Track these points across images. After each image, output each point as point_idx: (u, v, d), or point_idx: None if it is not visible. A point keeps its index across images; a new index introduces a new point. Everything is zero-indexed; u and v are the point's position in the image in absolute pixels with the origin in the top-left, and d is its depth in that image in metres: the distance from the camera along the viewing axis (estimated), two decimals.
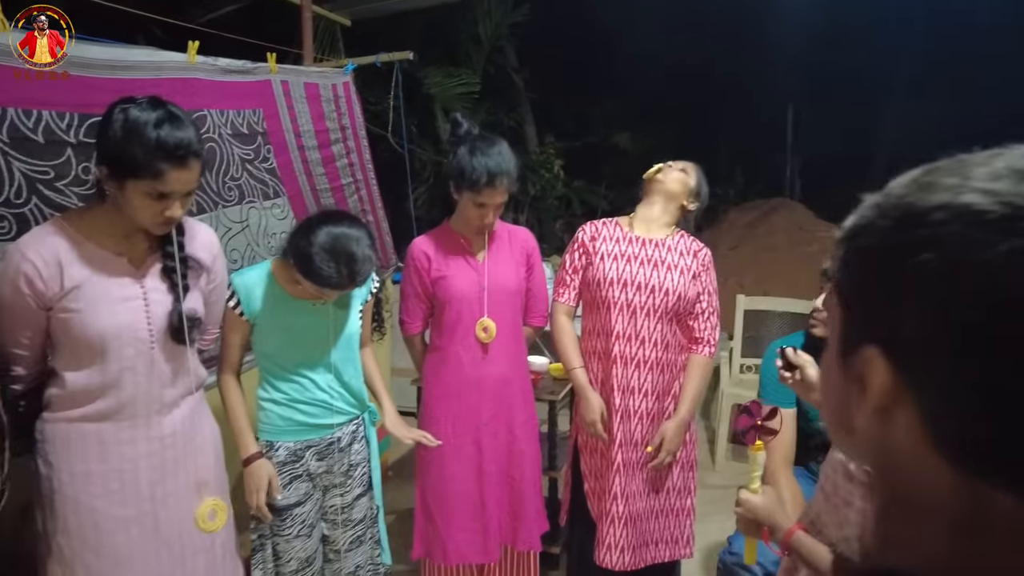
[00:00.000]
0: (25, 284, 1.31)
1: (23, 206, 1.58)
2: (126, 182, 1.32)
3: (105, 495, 1.41)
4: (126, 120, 1.30)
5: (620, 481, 1.94)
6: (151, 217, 1.36)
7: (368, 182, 3.06)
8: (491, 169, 1.79)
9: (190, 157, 1.34)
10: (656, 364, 1.94)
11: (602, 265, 1.96)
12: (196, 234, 1.55)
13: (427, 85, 5.02)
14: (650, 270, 1.93)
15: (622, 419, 1.94)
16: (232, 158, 2.23)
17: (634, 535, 1.97)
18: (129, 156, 1.29)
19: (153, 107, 1.33)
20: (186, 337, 1.44)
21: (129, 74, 1.89)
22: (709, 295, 1.99)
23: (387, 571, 1.86)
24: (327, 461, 1.70)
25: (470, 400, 1.96)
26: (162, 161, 1.30)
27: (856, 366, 0.44)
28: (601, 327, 1.97)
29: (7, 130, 1.56)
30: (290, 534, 1.66)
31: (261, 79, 2.42)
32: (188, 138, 1.34)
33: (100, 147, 1.35)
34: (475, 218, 1.88)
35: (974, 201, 0.38)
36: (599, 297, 1.97)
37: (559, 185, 7.01)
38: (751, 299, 3.79)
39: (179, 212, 1.38)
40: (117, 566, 1.42)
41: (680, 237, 2.01)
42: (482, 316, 1.92)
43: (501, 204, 1.89)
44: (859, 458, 0.50)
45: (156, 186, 1.32)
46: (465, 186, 1.84)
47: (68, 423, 1.40)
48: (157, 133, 1.29)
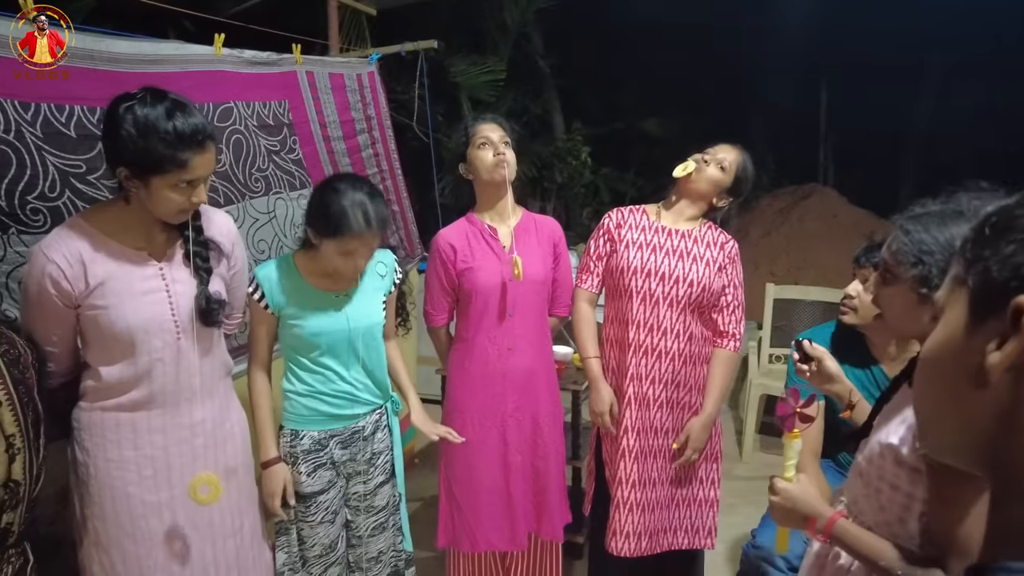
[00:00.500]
0: (51, 284, 1.34)
1: (57, 199, 1.62)
2: (151, 179, 1.33)
3: (139, 481, 1.45)
4: (136, 119, 1.29)
5: (626, 467, 1.94)
6: (178, 206, 1.38)
7: (393, 172, 3.07)
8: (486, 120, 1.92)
9: (208, 140, 1.36)
10: (678, 355, 1.91)
11: (626, 253, 1.94)
12: (212, 219, 1.57)
13: (453, 73, 5.01)
14: (675, 261, 1.91)
15: (637, 407, 1.93)
16: (259, 149, 2.26)
17: (648, 522, 1.96)
18: (151, 154, 1.30)
19: (157, 100, 1.33)
20: (212, 320, 1.47)
21: (157, 68, 1.92)
22: (735, 288, 1.96)
23: (408, 557, 1.88)
24: (350, 450, 1.72)
25: (495, 391, 1.96)
26: (185, 151, 1.32)
27: (995, 325, 0.47)
28: (621, 315, 1.96)
29: (41, 125, 1.60)
30: (314, 520, 1.69)
31: (287, 70, 2.44)
32: (201, 122, 1.35)
33: (114, 150, 1.34)
34: (485, 158, 1.91)
35: None
36: (621, 285, 1.95)
37: (586, 173, 6.95)
38: (781, 288, 3.73)
39: (204, 196, 1.41)
40: (151, 549, 1.47)
41: (707, 228, 1.98)
42: (508, 309, 1.92)
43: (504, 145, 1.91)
44: (970, 455, 0.52)
45: (183, 176, 1.34)
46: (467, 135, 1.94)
47: (103, 412, 1.44)
48: (173, 124, 1.30)
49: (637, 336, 1.91)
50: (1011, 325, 0.46)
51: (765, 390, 3.51)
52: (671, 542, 2.02)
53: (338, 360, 1.67)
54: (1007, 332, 0.46)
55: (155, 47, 1.93)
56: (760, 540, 1.76)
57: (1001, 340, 0.47)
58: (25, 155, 1.56)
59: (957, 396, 0.51)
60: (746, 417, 3.56)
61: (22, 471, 1.23)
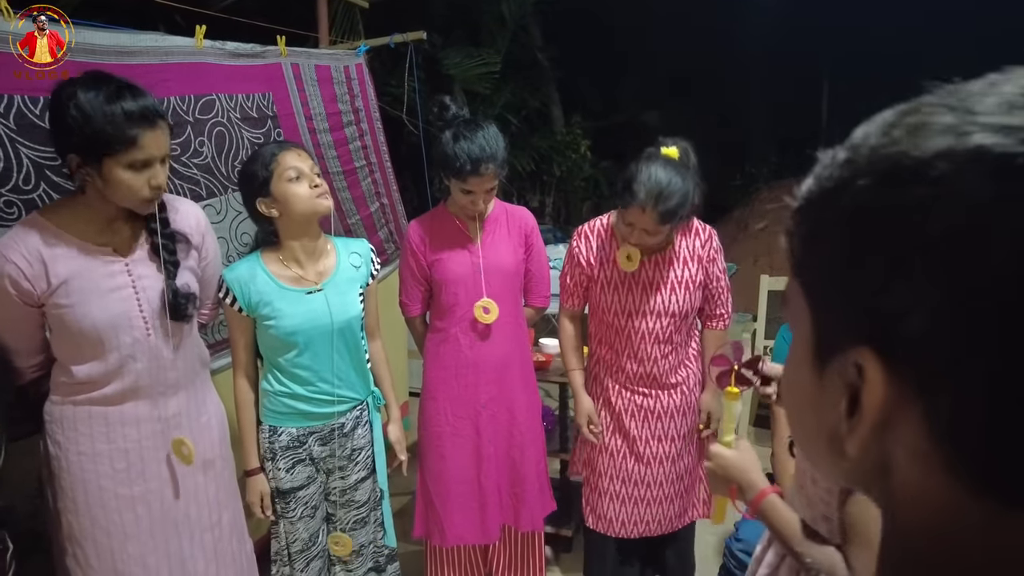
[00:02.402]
0: (11, 285, 1.31)
1: (32, 192, 1.61)
2: (103, 162, 1.30)
3: (112, 474, 1.44)
4: (79, 102, 1.26)
5: (603, 462, 2.01)
6: (138, 191, 1.34)
7: (383, 165, 3.05)
8: (475, 155, 1.75)
9: (157, 118, 1.33)
10: (659, 376, 1.94)
11: (602, 291, 1.93)
12: (179, 209, 1.54)
13: (446, 66, 4.99)
14: (652, 294, 1.87)
15: (617, 412, 1.98)
16: (242, 142, 2.24)
17: (632, 513, 2.01)
18: (99, 135, 1.27)
19: (101, 82, 1.30)
20: (181, 314, 1.45)
21: (136, 60, 1.90)
22: (717, 279, 1.94)
23: (391, 553, 1.87)
24: (330, 446, 1.71)
25: (468, 381, 1.96)
26: (133, 127, 1.28)
27: (840, 375, 0.34)
28: (606, 343, 1.99)
29: (14, 117, 1.58)
30: (294, 516, 1.68)
31: (271, 62, 2.42)
32: (150, 101, 1.32)
33: (61, 138, 1.32)
34: (465, 203, 1.86)
35: (988, 143, 0.29)
36: (600, 318, 1.97)
37: (586, 166, 6.92)
38: (776, 279, 3.70)
39: (163, 178, 1.36)
40: (125, 543, 1.45)
41: (682, 240, 1.89)
42: (481, 297, 1.90)
43: (492, 190, 1.86)
44: (857, 488, 0.40)
45: (135, 155, 1.30)
46: (450, 173, 1.81)
47: (75, 406, 1.43)
48: (119, 104, 1.28)
49: (627, 364, 1.94)
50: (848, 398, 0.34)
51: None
52: (666, 528, 2.04)
53: (316, 358, 1.64)
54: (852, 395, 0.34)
55: (133, 39, 1.91)
56: (742, 534, 1.74)
57: (850, 403, 0.34)
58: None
59: (820, 452, 0.39)
60: (741, 410, 3.54)
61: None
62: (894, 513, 0.36)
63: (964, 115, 0.31)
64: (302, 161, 1.58)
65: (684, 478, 2.02)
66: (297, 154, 1.58)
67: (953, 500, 0.31)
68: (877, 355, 0.32)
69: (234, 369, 1.69)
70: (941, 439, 0.31)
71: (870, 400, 0.33)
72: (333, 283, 1.67)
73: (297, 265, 1.64)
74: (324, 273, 1.68)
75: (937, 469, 0.31)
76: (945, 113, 0.31)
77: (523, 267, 2.00)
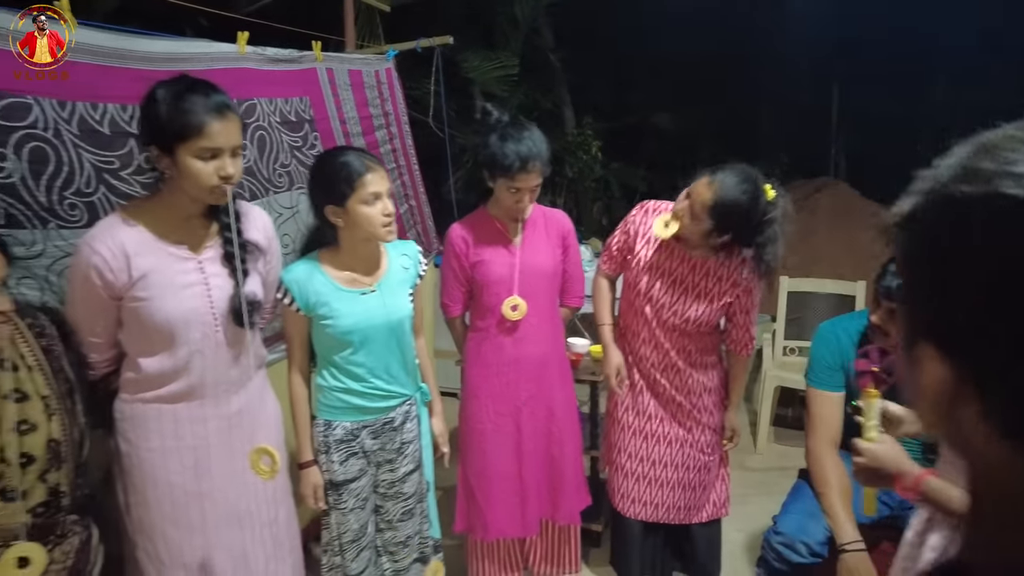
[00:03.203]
0: (96, 276, 1.38)
1: (92, 195, 1.66)
2: (176, 150, 1.36)
3: (180, 471, 1.49)
4: (162, 95, 1.36)
5: (624, 439, 2.12)
6: (208, 179, 1.39)
7: (411, 168, 3.11)
8: (523, 154, 1.82)
9: (227, 110, 1.39)
10: (673, 366, 2.02)
11: (636, 270, 2.01)
12: (251, 217, 1.60)
13: (465, 69, 5.03)
14: (677, 294, 1.96)
15: (638, 392, 2.08)
16: (281, 145, 2.29)
17: (653, 495, 2.10)
18: (172, 121, 1.35)
19: (181, 79, 1.40)
20: (247, 321, 1.50)
21: (185, 66, 1.95)
22: (746, 313, 2.01)
23: (435, 543, 1.93)
24: (381, 439, 1.77)
25: (509, 379, 2.02)
26: (202, 115, 1.35)
27: (914, 362, 0.43)
28: (628, 321, 2.08)
29: (77, 123, 1.64)
30: (346, 507, 1.73)
31: (307, 67, 2.47)
32: (220, 95, 1.40)
33: (143, 131, 1.41)
34: (511, 203, 1.92)
35: (1013, 192, 0.36)
36: (628, 297, 2.06)
37: (597, 167, 6.95)
38: (795, 281, 3.75)
39: (232, 170, 1.41)
40: (192, 536, 1.51)
41: (727, 260, 1.93)
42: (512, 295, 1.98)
43: (536, 187, 1.92)
44: (955, 451, 0.48)
45: (203, 143, 1.36)
46: (498, 172, 1.87)
47: (144, 404, 1.48)
48: (190, 96, 1.36)
49: (642, 348, 2.04)
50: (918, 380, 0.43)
51: (780, 382, 3.53)
52: (684, 518, 2.12)
53: (370, 356, 1.70)
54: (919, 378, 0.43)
55: (183, 45, 1.97)
56: (781, 527, 1.79)
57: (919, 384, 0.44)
58: (63, 152, 1.60)
59: (924, 423, 0.47)
60: (760, 409, 3.58)
61: (60, 431, 1.29)
62: (971, 470, 0.44)
63: (1002, 164, 0.38)
64: (382, 184, 1.63)
65: (701, 471, 2.08)
66: (381, 176, 1.63)
67: (1006, 459, 0.39)
68: (936, 349, 0.41)
69: (289, 366, 1.74)
70: (991, 415, 0.39)
71: (929, 384, 0.41)
72: (386, 284, 1.73)
73: (353, 268, 1.70)
74: (377, 275, 1.73)
75: (993, 437, 0.39)
76: (991, 160, 0.39)
77: (560, 268, 2.06)
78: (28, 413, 1.25)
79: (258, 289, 1.57)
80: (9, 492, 1.20)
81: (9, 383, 1.23)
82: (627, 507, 2.11)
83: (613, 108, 7.64)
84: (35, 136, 1.54)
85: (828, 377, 1.86)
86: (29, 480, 1.22)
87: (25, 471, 1.22)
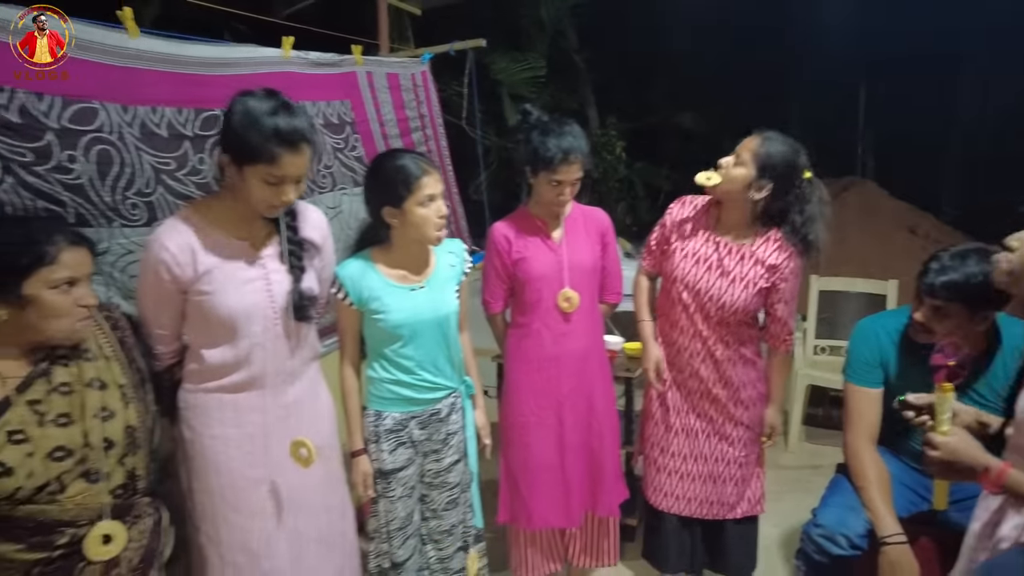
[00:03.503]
0: (165, 271, 1.45)
1: (152, 195, 1.74)
2: (245, 167, 1.43)
3: (240, 457, 1.56)
4: (245, 110, 1.40)
5: (658, 435, 2.14)
6: (266, 200, 1.46)
7: (445, 169, 3.16)
8: (564, 146, 1.87)
9: (302, 143, 1.43)
10: (711, 357, 2.03)
11: (673, 259, 2.04)
12: (307, 216, 1.67)
13: (494, 71, 5.09)
14: (715, 278, 1.97)
15: (675, 388, 2.11)
16: (324, 147, 2.36)
17: (687, 489, 2.12)
18: (248, 143, 1.39)
19: (268, 97, 1.43)
20: (304, 315, 1.57)
21: (233, 70, 2.02)
22: (785, 304, 2.02)
23: (478, 533, 1.97)
24: (428, 430, 1.82)
25: (551, 374, 2.06)
26: (276, 146, 1.39)
27: None
28: (667, 313, 2.10)
29: (138, 126, 1.71)
30: (394, 495, 1.78)
31: (347, 71, 2.53)
32: (300, 125, 1.43)
33: (223, 136, 1.46)
34: (552, 197, 1.95)
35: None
36: (666, 287, 2.08)
37: (621, 167, 6.99)
38: (825, 280, 3.74)
39: (291, 196, 1.48)
40: (252, 521, 1.57)
41: (764, 243, 1.97)
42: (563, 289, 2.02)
43: (577, 181, 1.95)
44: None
45: (271, 170, 1.42)
46: (541, 166, 1.91)
47: (206, 393, 1.55)
48: (273, 121, 1.39)
49: (680, 338, 2.06)
50: None
51: (811, 381, 3.54)
52: (716, 513, 2.13)
53: (418, 349, 1.75)
54: None
55: (232, 51, 2.04)
56: (821, 519, 1.81)
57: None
58: (125, 154, 1.67)
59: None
60: (792, 408, 3.58)
61: (136, 417, 1.37)
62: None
63: None
64: (437, 187, 1.69)
65: (735, 466, 2.09)
66: (436, 179, 1.68)
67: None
68: None
69: (342, 358, 1.80)
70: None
71: None
72: (434, 281, 1.78)
73: (404, 265, 1.76)
74: (426, 272, 1.79)
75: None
76: None
77: (600, 265, 2.10)
78: (108, 401, 1.31)
79: (314, 285, 1.63)
80: (93, 474, 1.27)
81: (91, 372, 1.30)
82: (660, 501, 2.13)
83: (637, 108, 7.66)
84: (102, 139, 1.62)
85: (867, 373, 1.88)
86: (110, 463, 1.29)
87: (107, 455, 1.28)
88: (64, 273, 1.23)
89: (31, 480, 1.18)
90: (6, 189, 1.42)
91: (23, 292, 1.19)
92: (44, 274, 1.21)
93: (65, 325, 1.24)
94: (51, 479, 1.21)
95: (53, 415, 1.23)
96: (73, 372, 1.29)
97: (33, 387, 1.23)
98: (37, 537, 1.21)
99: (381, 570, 1.82)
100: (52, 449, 1.21)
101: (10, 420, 1.18)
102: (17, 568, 1.20)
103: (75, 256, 1.26)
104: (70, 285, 1.24)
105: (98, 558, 1.27)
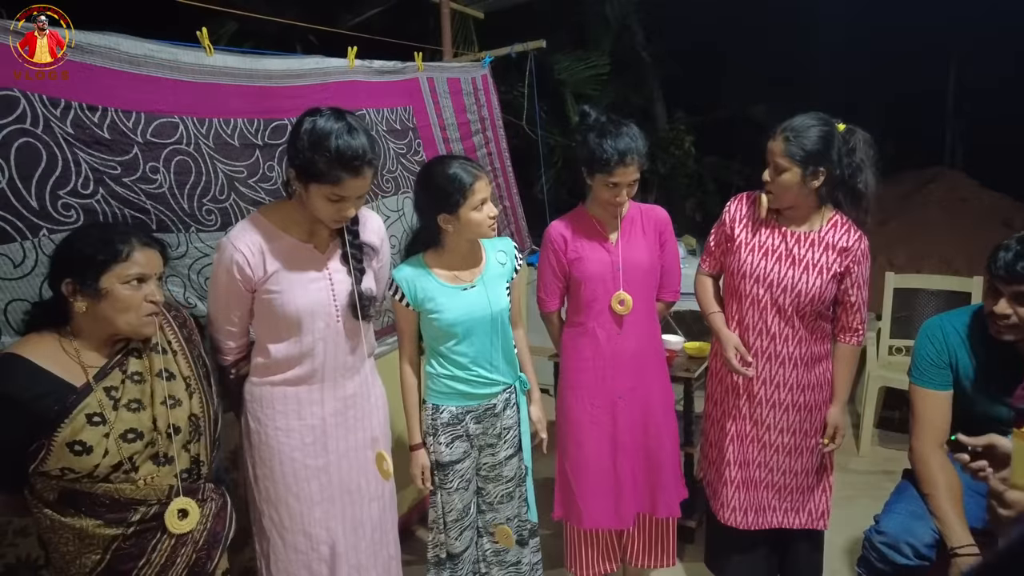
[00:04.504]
0: (237, 271, 1.56)
1: (225, 201, 1.86)
2: (309, 185, 1.52)
3: (302, 447, 1.66)
4: (313, 130, 1.47)
5: (733, 450, 2.06)
6: (328, 215, 1.56)
7: (505, 170, 3.21)
8: (620, 148, 1.87)
9: (364, 167, 1.50)
10: (788, 358, 1.96)
11: (738, 255, 1.99)
12: (367, 222, 1.76)
13: (557, 71, 5.10)
14: (786, 267, 1.92)
15: (747, 399, 2.03)
16: (388, 153, 2.45)
17: (754, 499, 2.07)
18: (313, 164, 1.47)
19: (336, 119, 1.49)
20: (364, 314, 1.66)
21: (301, 81, 2.13)
22: (859, 288, 1.95)
23: (533, 527, 2.01)
24: (483, 424, 1.88)
25: (606, 373, 2.06)
26: (340, 170, 1.47)
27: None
28: (734, 316, 2.04)
29: (213, 137, 1.84)
30: (451, 487, 1.85)
31: (410, 77, 2.62)
32: (364, 148, 1.48)
33: (291, 152, 1.54)
34: (609, 198, 1.96)
35: None
36: (732, 286, 2.02)
37: (690, 162, 6.85)
38: (902, 277, 3.58)
39: (352, 213, 1.57)
40: (311, 508, 1.68)
41: (831, 227, 1.93)
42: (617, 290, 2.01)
43: (635, 182, 1.95)
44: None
45: (334, 191, 1.50)
46: (597, 168, 1.92)
47: (272, 386, 1.66)
48: (337, 144, 1.45)
49: (748, 339, 1.99)
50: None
51: (884, 382, 3.39)
52: (782, 520, 2.08)
53: (472, 346, 1.81)
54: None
55: (299, 63, 2.15)
56: (883, 526, 1.74)
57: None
58: (201, 164, 1.80)
59: None
60: (863, 411, 3.45)
61: (199, 407, 1.47)
62: None
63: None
64: (487, 190, 1.74)
65: (800, 475, 2.04)
66: (485, 183, 1.74)
67: None
68: None
69: (400, 356, 1.88)
70: None
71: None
72: (484, 280, 1.84)
73: (455, 266, 1.82)
74: (477, 271, 1.84)
75: None
76: None
77: (658, 264, 2.09)
78: (174, 390, 1.43)
79: (372, 285, 1.72)
80: (161, 457, 1.39)
81: (159, 363, 1.42)
82: (727, 515, 2.08)
83: (705, 102, 7.49)
84: (180, 151, 1.75)
85: (934, 375, 1.79)
86: (176, 448, 1.41)
87: (172, 440, 1.40)
88: (135, 270, 1.34)
89: (107, 458, 1.31)
90: (98, 200, 1.57)
91: (100, 286, 1.31)
92: (118, 270, 1.33)
93: (133, 319, 1.35)
94: (124, 459, 1.33)
95: (126, 400, 1.35)
96: (144, 363, 1.41)
97: (110, 376, 1.36)
98: (113, 513, 1.34)
99: (438, 560, 1.89)
100: (125, 431, 1.33)
101: (90, 404, 1.31)
102: (98, 543, 1.33)
103: (146, 255, 1.37)
104: (140, 282, 1.36)
105: (176, 530, 1.39)
